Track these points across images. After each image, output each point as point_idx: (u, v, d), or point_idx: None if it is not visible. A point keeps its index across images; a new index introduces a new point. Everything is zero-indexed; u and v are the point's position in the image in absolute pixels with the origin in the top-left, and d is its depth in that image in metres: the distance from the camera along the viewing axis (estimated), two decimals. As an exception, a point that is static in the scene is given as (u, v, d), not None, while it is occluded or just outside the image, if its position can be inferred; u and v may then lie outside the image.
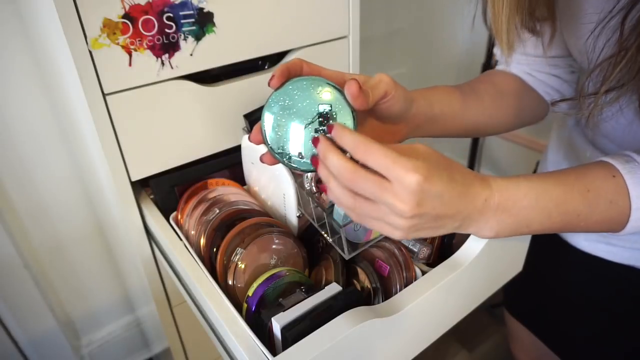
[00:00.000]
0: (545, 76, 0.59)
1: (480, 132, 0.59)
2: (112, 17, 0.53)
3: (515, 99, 0.59)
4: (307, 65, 0.41)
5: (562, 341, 0.73)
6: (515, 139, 1.68)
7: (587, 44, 0.45)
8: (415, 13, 1.50)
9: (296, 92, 0.39)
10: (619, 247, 0.59)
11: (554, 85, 0.59)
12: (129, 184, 0.63)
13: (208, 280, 0.51)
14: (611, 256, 0.60)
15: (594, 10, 0.45)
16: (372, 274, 0.51)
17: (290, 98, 0.39)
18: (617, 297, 0.63)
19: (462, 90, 0.56)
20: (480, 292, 0.56)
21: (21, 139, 0.91)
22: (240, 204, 0.60)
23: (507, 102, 0.58)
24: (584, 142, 0.61)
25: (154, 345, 1.20)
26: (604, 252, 0.61)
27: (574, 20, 0.50)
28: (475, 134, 0.59)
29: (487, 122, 0.57)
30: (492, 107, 0.57)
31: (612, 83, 0.40)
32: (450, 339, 1.43)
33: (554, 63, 0.58)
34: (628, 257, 0.59)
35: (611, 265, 0.61)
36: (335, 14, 0.74)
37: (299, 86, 0.39)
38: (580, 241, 0.64)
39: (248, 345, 0.42)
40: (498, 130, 0.60)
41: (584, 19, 0.47)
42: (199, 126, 0.67)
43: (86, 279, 1.15)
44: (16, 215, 0.97)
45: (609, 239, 0.60)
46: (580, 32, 0.49)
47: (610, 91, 0.41)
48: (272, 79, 0.39)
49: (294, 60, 0.41)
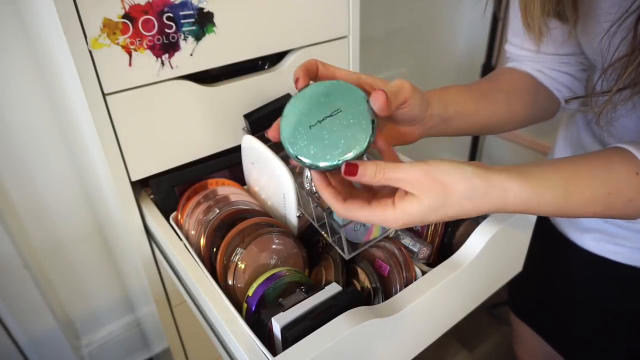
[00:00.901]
0: (556, 73, 0.59)
1: (494, 130, 0.59)
2: (112, 17, 0.53)
3: (528, 96, 0.58)
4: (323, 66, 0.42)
5: (566, 341, 0.73)
6: (516, 139, 1.68)
7: (602, 43, 0.45)
8: (415, 13, 1.50)
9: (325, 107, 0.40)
10: (627, 248, 0.59)
11: (565, 82, 0.59)
12: (129, 184, 0.63)
13: (208, 280, 0.51)
14: (618, 257, 0.60)
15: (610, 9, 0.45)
16: (372, 274, 0.51)
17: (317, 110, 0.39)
18: (621, 298, 0.63)
19: (476, 90, 0.56)
20: (480, 292, 0.56)
21: (21, 139, 0.91)
22: (240, 204, 0.60)
23: (520, 100, 0.58)
24: (594, 143, 0.61)
25: (154, 345, 1.20)
26: (611, 253, 0.61)
27: (590, 19, 0.49)
28: (488, 132, 0.58)
29: (500, 120, 0.57)
30: (505, 105, 0.57)
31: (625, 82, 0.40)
32: (450, 339, 1.43)
33: (565, 61, 0.58)
34: (636, 258, 0.59)
35: (617, 266, 0.61)
36: (335, 14, 0.74)
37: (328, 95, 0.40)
38: (588, 241, 0.64)
39: (248, 345, 0.42)
40: (511, 127, 0.59)
41: (600, 18, 0.47)
42: (199, 126, 0.67)
43: (86, 279, 1.15)
44: (16, 215, 0.97)
45: (617, 239, 0.60)
46: (595, 30, 0.49)
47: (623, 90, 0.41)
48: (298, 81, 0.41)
49: (310, 61, 0.42)
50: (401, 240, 0.57)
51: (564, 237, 0.67)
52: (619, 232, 0.60)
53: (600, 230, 0.62)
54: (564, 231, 0.68)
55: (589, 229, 0.63)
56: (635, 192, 0.39)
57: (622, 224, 0.59)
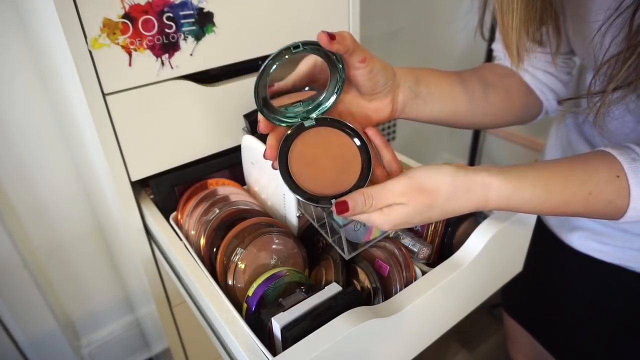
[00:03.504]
0: (541, 74, 0.59)
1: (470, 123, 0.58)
2: (112, 17, 0.53)
3: (506, 92, 0.58)
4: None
5: (557, 342, 0.73)
6: (515, 139, 1.68)
7: (594, 42, 0.45)
8: (415, 13, 1.50)
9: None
10: (610, 246, 0.59)
11: (550, 84, 0.59)
12: (129, 184, 0.63)
13: (208, 280, 0.51)
14: (603, 255, 0.60)
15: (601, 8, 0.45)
16: (372, 274, 0.51)
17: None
18: (609, 297, 0.63)
19: (453, 74, 0.56)
20: (480, 292, 0.56)
21: (21, 139, 0.91)
22: (240, 204, 0.60)
23: (497, 93, 0.58)
24: (582, 142, 0.61)
25: (154, 345, 1.20)
26: (595, 252, 0.61)
27: (581, 20, 0.49)
28: (464, 123, 0.58)
29: (476, 112, 0.57)
30: (481, 94, 0.56)
31: (619, 81, 0.40)
32: (450, 339, 1.43)
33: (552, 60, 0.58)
34: (620, 257, 0.59)
35: (603, 265, 0.60)
36: (335, 14, 0.74)
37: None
38: (574, 239, 0.64)
39: (248, 345, 0.42)
40: (488, 123, 0.59)
41: (591, 18, 0.47)
42: (199, 126, 0.66)
43: (86, 279, 1.15)
44: (16, 215, 0.97)
45: (602, 237, 0.60)
46: (587, 30, 0.49)
47: (617, 89, 0.41)
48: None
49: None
50: (401, 240, 0.57)
51: (555, 237, 0.67)
52: (603, 230, 0.60)
53: (585, 228, 0.62)
54: (555, 231, 0.68)
55: (576, 227, 0.63)
56: (614, 194, 0.40)
57: (606, 222, 0.59)
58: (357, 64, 0.44)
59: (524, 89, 0.59)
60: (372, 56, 0.45)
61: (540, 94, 0.60)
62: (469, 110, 0.56)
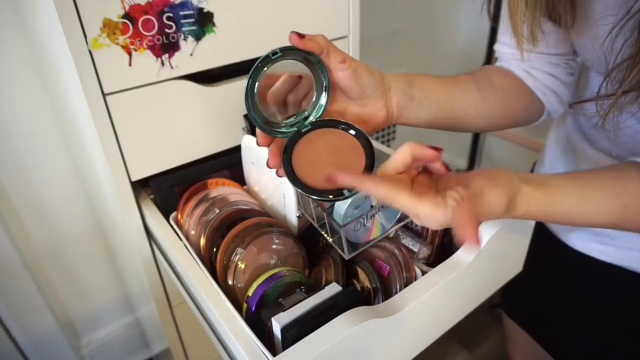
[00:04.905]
0: (543, 75, 0.57)
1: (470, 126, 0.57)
2: (112, 17, 0.53)
3: (505, 94, 0.57)
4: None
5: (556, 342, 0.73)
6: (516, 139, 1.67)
7: (604, 46, 0.44)
8: (415, 13, 1.50)
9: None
10: (610, 247, 0.59)
11: (551, 86, 0.58)
12: (129, 184, 0.63)
13: (208, 280, 0.51)
14: (603, 256, 0.60)
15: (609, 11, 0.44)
16: (372, 274, 0.51)
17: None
18: (609, 298, 0.63)
19: (448, 78, 0.55)
20: (480, 292, 0.56)
21: (21, 139, 0.91)
22: (240, 204, 0.60)
23: (495, 96, 0.56)
24: (583, 142, 0.61)
25: (154, 345, 1.20)
26: (596, 252, 0.61)
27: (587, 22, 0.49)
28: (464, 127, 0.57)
29: (477, 112, 0.56)
30: (478, 97, 0.55)
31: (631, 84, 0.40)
32: (450, 339, 1.43)
33: (555, 62, 0.57)
34: (620, 257, 0.59)
35: (603, 265, 0.60)
36: (335, 14, 0.74)
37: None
38: (574, 240, 0.64)
39: (248, 345, 0.42)
40: (485, 126, 0.58)
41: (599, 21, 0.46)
42: (199, 126, 0.67)
43: (86, 279, 1.15)
44: (16, 215, 0.97)
45: (602, 237, 0.60)
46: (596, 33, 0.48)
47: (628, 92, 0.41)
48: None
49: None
50: (401, 240, 0.57)
51: (555, 237, 0.67)
52: (603, 231, 0.59)
53: (585, 229, 0.62)
54: (555, 231, 0.68)
55: (576, 227, 0.63)
56: None
57: None
58: (338, 65, 0.44)
59: (524, 91, 0.58)
60: (354, 58, 0.45)
61: (542, 96, 0.58)
62: (468, 114, 0.55)
